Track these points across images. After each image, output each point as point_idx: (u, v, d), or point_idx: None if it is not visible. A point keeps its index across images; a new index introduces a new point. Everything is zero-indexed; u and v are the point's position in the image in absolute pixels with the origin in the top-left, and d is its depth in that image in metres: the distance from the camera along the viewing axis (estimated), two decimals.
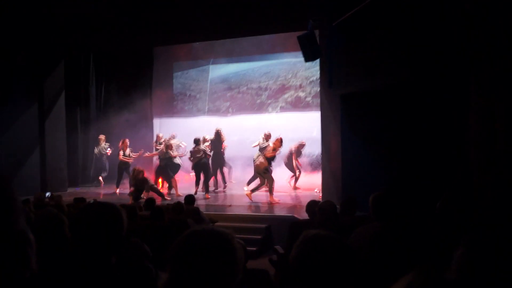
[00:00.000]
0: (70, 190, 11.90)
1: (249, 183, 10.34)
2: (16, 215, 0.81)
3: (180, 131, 14.04)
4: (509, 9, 4.58)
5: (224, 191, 11.29)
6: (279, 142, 9.64)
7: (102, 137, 12.69)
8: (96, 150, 12.75)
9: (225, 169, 11.77)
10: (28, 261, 1.03)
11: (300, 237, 1.63)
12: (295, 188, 11.29)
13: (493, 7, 4.86)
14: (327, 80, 7.98)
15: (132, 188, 9.79)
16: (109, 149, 12.58)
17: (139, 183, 9.68)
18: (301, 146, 11.74)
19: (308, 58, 8.01)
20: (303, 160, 12.33)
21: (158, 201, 8.60)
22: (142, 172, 9.75)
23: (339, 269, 1.52)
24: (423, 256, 2.94)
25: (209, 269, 1.38)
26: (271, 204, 9.15)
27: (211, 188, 11.01)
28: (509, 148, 4.69)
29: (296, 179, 11.44)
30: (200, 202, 9.13)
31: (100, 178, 12.75)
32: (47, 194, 8.81)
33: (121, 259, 1.95)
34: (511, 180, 4.73)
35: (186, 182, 11.99)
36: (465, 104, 5.27)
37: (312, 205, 4.62)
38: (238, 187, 11.44)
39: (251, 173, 10.54)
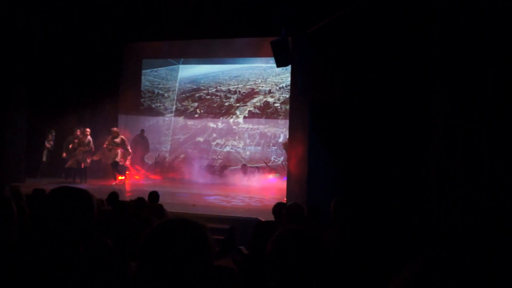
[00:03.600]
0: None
1: None
2: None
3: (147, 129, 13.90)
4: (472, 24, 4.79)
5: None
6: None
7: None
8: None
9: None
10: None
11: (276, 232, 1.63)
12: None
13: (456, 22, 5.06)
14: (298, 86, 8.08)
15: None
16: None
17: None
18: None
19: (280, 63, 8.10)
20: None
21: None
22: None
23: (314, 264, 1.52)
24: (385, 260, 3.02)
25: (180, 258, 1.34)
26: None
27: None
28: (467, 162, 4.88)
29: None
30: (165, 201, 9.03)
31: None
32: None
33: (85, 251, 1.89)
34: (467, 195, 4.92)
35: None
36: (429, 118, 5.45)
37: (278, 207, 4.64)
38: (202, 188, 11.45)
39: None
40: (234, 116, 13.90)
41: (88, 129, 11.97)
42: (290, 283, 1.50)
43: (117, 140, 11.69)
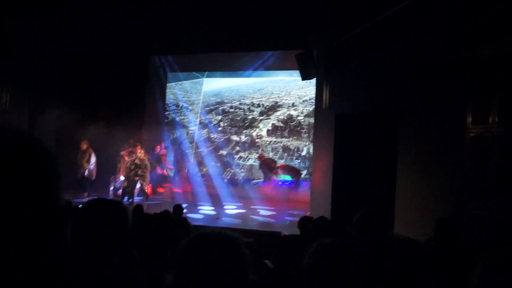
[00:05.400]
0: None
1: None
2: (60, 192, 0.78)
3: (172, 142, 14.00)
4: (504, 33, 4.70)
5: None
6: None
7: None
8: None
9: None
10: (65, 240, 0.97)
11: (314, 245, 1.60)
12: None
13: (485, 35, 4.99)
14: (323, 99, 8.04)
15: None
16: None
17: None
18: None
19: (305, 76, 8.10)
20: None
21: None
22: None
23: (356, 275, 1.48)
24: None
25: (216, 272, 1.33)
26: None
27: None
28: (501, 176, 4.77)
29: None
30: (188, 214, 9.05)
31: None
32: None
33: (118, 262, 1.90)
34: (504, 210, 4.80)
35: None
36: (460, 133, 5.35)
37: (304, 220, 4.60)
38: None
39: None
40: (257, 129, 13.90)
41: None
42: None
43: (85, 155, 11.30)
